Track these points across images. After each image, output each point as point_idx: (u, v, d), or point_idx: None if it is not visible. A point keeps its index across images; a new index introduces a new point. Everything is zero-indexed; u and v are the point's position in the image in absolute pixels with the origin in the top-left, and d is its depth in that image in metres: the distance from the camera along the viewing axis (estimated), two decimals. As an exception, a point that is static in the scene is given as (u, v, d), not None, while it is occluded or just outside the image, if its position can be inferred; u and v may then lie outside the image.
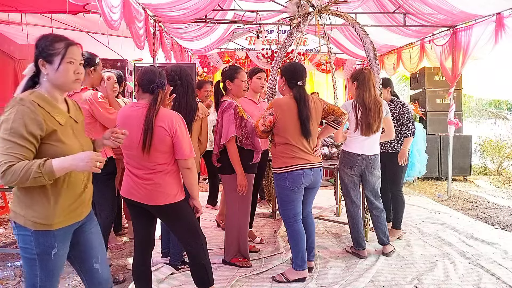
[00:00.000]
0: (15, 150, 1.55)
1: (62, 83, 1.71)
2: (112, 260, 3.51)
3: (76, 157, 1.59)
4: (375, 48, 4.00)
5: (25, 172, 1.52)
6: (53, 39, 1.71)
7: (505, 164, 8.26)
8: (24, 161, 1.55)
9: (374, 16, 6.82)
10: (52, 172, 1.55)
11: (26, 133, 1.56)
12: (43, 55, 1.69)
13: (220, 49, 9.61)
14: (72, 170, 1.61)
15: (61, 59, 1.68)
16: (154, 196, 2.32)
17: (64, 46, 1.69)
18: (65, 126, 1.73)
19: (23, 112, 1.58)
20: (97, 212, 3.07)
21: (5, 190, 4.73)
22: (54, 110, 1.69)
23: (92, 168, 1.57)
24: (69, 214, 1.76)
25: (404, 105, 4.07)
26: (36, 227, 1.68)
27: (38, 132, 1.59)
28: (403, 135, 4.01)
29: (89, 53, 3.10)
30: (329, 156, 4.55)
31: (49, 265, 1.74)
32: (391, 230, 4.07)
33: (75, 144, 1.74)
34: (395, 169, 4.02)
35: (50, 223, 1.69)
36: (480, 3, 5.02)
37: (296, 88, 3.00)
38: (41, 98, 1.67)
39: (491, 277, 3.23)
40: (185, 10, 5.50)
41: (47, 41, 1.71)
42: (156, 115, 2.27)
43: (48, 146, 1.64)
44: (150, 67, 2.47)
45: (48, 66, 1.69)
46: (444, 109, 7.20)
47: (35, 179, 1.53)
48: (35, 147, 1.61)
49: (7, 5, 4.37)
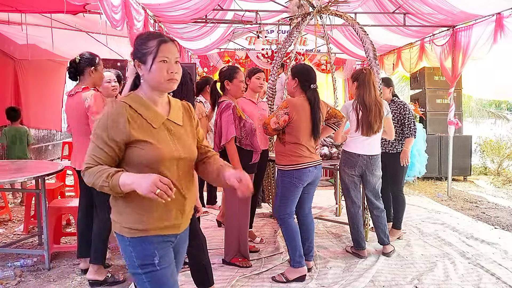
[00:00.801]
0: (96, 153, 1.52)
1: (156, 84, 1.59)
2: (112, 260, 3.52)
3: (142, 177, 1.43)
4: (375, 48, 3.99)
5: (96, 179, 1.47)
6: (146, 37, 1.61)
7: (505, 164, 8.25)
8: (102, 166, 1.50)
9: (374, 16, 6.82)
10: (117, 186, 1.44)
11: (107, 138, 1.50)
12: (138, 55, 1.60)
13: (220, 49, 9.61)
14: (135, 189, 1.43)
15: (153, 58, 1.56)
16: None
17: (156, 44, 1.57)
18: (159, 130, 1.59)
19: (109, 115, 1.52)
20: (97, 212, 3.07)
21: (5, 190, 4.74)
22: (149, 113, 1.58)
23: (151, 194, 1.38)
24: (165, 223, 1.60)
25: (405, 105, 4.07)
26: (131, 233, 1.56)
27: (120, 137, 1.50)
28: (404, 136, 4.00)
29: (89, 53, 3.10)
30: (329, 156, 4.54)
31: (157, 277, 1.57)
32: (391, 230, 4.06)
33: (167, 148, 1.57)
34: (395, 169, 4.02)
35: (145, 227, 1.56)
36: (480, 3, 5.01)
37: (310, 90, 3.11)
38: (136, 100, 1.58)
39: (491, 277, 3.23)
40: (185, 10, 5.50)
41: (141, 40, 1.61)
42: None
43: (135, 149, 1.53)
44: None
45: (142, 66, 1.58)
46: (444, 109, 7.19)
47: (102, 188, 1.47)
48: (115, 152, 1.52)
49: (7, 5, 4.37)
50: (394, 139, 3.92)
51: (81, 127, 2.97)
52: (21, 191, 5.30)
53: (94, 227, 3.06)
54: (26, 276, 3.22)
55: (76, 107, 2.97)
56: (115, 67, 5.46)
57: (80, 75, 3.07)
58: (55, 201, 3.87)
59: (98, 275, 3.00)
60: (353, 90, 3.58)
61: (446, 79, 6.52)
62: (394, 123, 3.94)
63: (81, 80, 3.07)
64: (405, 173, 4.13)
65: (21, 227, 4.42)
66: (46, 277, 3.19)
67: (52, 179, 5.85)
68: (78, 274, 3.22)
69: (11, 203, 5.59)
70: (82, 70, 3.05)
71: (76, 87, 3.05)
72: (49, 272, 3.28)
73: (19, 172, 3.47)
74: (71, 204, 3.65)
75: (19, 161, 4.72)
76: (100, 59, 3.15)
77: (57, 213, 3.61)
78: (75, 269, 3.32)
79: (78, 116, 2.97)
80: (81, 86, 3.01)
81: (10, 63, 7.18)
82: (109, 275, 3.06)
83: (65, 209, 3.74)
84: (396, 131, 3.96)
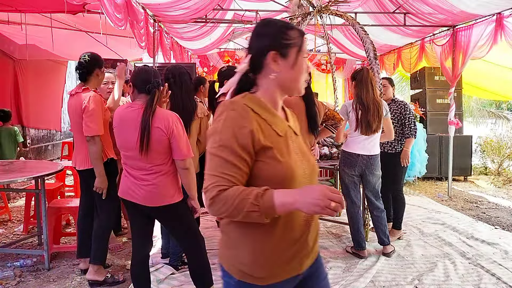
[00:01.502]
0: (226, 170, 1.15)
1: (292, 84, 1.29)
2: (112, 260, 3.51)
3: (305, 192, 1.11)
4: (375, 48, 3.99)
5: (239, 203, 1.11)
6: (284, 25, 1.28)
7: (505, 164, 8.25)
8: (238, 187, 1.14)
9: (374, 16, 6.81)
10: (272, 208, 1.10)
11: (237, 147, 1.15)
12: (277, 45, 1.23)
13: (220, 49, 9.61)
14: (297, 209, 1.11)
15: (297, 52, 1.26)
16: (151, 197, 2.32)
17: (300, 35, 1.27)
18: (284, 139, 1.27)
19: (233, 119, 1.18)
20: (98, 213, 3.07)
21: (5, 190, 4.74)
22: (273, 118, 1.26)
23: (325, 210, 1.07)
24: (285, 266, 1.26)
25: (405, 105, 4.06)
26: (240, 276, 1.24)
27: (251, 145, 1.17)
28: (405, 136, 4.00)
29: (95, 54, 3.08)
30: (329, 156, 4.54)
31: None
32: (391, 230, 4.06)
33: (292, 161, 1.24)
34: (395, 169, 4.01)
35: (258, 275, 1.23)
36: (480, 2, 5.01)
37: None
38: (256, 103, 1.25)
39: (491, 277, 3.23)
40: (185, 10, 5.49)
41: (278, 27, 1.26)
42: (153, 116, 2.26)
43: (260, 164, 1.20)
44: (144, 66, 2.48)
45: (281, 61, 1.24)
46: (444, 109, 7.18)
47: (249, 214, 1.11)
48: (248, 166, 1.19)
49: (7, 5, 4.36)
50: (394, 139, 3.92)
51: (79, 128, 2.96)
52: (21, 191, 5.29)
53: (95, 227, 3.06)
54: (26, 276, 3.22)
55: (75, 107, 2.96)
56: (115, 67, 5.46)
57: (88, 75, 3.04)
58: (54, 201, 3.86)
59: (97, 275, 3.00)
60: (353, 89, 3.58)
61: (447, 79, 6.51)
62: (394, 123, 3.94)
63: (88, 80, 3.04)
64: (404, 173, 4.13)
65: (20, 227, 4.41)
66: (45, 277, 3.18)
67: (52, 179, 5.85)
68: (78, 274, 3.22)
69: (10, 203, 5.59)
70: (91, 71, 3.03)
71: (77, 87, 3.04)
72: (49, 272, 3.27)
73: (19, 172, 3.46)
74: (71, 204, 3.65)
75: (19, 161, 4.72)
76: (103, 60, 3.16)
77: (57, 213, 3.61)
78: (75, 269, 3.32)
79: (76, 116, 2.96)
80: (82, 87, 3.00)
81: (10, 63, 7.18)
82: (108, 276, 3.05)
83: (65, 209, 3.73)
84: (396, 131, 3.95)
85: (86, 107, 2.88)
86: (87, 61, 3.00)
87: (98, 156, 2.90)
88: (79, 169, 3.05)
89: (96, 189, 2.94)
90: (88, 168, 2.97)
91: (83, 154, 2.99)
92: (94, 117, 2.88)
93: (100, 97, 3.03)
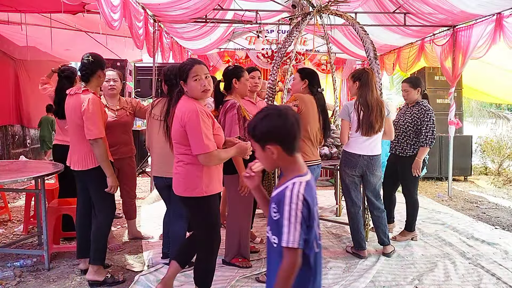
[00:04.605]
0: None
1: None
2: (112, 260, 3.51)
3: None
4: (375, 48, 3.98)
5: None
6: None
7: (505, 164, 8.25)
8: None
9: (374, 16, 6.81)
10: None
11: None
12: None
13: (220, 49, 9.61)
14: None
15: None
16: (175, 185, 2.46)
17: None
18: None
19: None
20: (96, 212, 3.06)
21: (5, 190, 4.74)
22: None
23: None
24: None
25: (427, 111, 3.82)
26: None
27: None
28: (419, 143, 3.83)
29: (98, 55, 3.05)
30: (329, 156, 4.53)
31: None
32: (402, 231, 4.07)
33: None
34: (406, 175, 3.93)
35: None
36: (480, 2, 5.01)
37: (318, 94, 3.38)
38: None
39: (492, 278, 3.23)
40: (185, 9, 5.50)
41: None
42: (175, 106, 2.43)
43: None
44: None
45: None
46: (444, 109, 7.18)
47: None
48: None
49: (7, 5, 4.37)
50: (407, 143, 3.88)
51: (75, 128, 2.95)
52: (21, 191, 5.29)
53: (93, 229, 3.04)
54: (26, 276, 3.21)
55: (74, 108, 2.93)
56: (114, 67, 5.47)
57: (91, 76, 3.01)
58: (54, 201, 3.86)
59: (97, 276, 2.99)
60: (354, 90, 3.56)
61: (447, 79, 6.52)
62: (409, 127, 3.89)
63: (89, 81, 3.01)
64: (417, 178, 3.99)
65: (20, 227, 4.41)
66: (45, 278, 3.18)
67: (52, 179, 5.85)
68: (78, 275, 3.21)
69: (10, 203, 5.59)
70: (94, 72, 3.00)
71: (77, 88, 3.01)
72: (49, 272, 3.27)
73: (19, 172, 3.46)
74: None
75: (19, 161, 4.72)
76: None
77: (57, 213, 3.61)
78: (75, 269, 3.31)
79: (73, 117, 2.94)
80: (82, 88, 2.97)
81: (10, 63, 7.18)
82: (108, 276, 3.05)
83: (65, 210, 3.73)
84: (410, 135, 3.90)
85: (85, 110, 2.85)
86: (91, 62, 2.97)
87: (105, 158, 2.90)
88: (73, 169, 3.03)
89: (110, 189, 2.95)
90: (83, 169, 2.95)
91: (78, 155, 2.97)
92: (94, 119, 2.86)
93: (99, 99, 3.02)
